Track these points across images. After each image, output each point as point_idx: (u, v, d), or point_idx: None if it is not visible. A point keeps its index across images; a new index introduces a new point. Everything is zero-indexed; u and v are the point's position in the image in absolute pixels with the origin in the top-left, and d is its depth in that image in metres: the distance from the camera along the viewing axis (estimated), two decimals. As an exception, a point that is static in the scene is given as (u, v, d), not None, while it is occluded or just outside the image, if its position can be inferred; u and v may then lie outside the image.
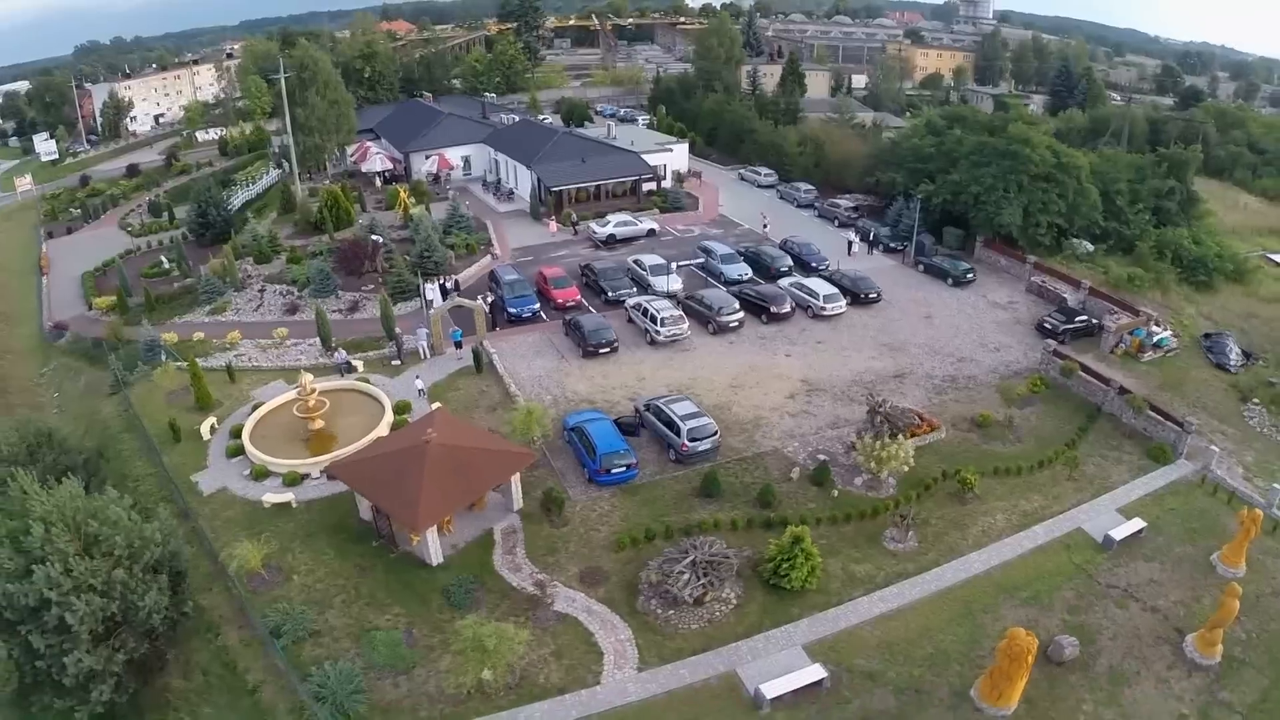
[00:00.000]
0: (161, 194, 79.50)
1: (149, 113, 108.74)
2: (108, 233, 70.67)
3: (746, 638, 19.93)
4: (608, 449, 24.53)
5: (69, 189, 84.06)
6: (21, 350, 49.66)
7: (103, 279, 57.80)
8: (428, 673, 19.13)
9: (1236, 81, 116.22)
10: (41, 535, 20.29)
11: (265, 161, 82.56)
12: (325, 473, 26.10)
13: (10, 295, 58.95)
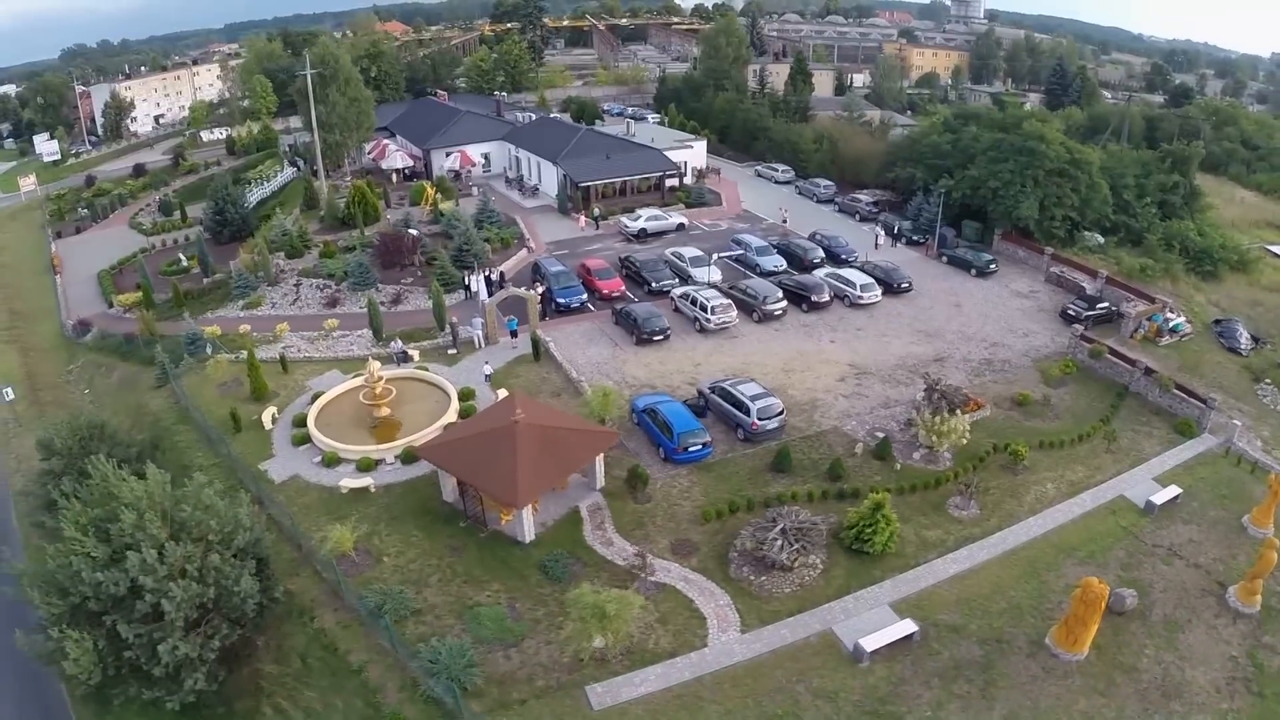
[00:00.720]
0: (171, 193, 79.78)
1: (149, 113, 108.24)
2: (118, 232, 71.03)
3: (836, 599, 21.46)
4: (685, 428, 25.95)
5: (74, 189, 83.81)
6: (44, 348, 49.97)
7: (119, 277, 58.31)
8: (538, 644, 20.13)
9: (1223, 79, 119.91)
10: (133, 522, 20.28)
11: (277, 160, 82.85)
12: (408, 456, 26.89)
13: (26, 294, 59.17)
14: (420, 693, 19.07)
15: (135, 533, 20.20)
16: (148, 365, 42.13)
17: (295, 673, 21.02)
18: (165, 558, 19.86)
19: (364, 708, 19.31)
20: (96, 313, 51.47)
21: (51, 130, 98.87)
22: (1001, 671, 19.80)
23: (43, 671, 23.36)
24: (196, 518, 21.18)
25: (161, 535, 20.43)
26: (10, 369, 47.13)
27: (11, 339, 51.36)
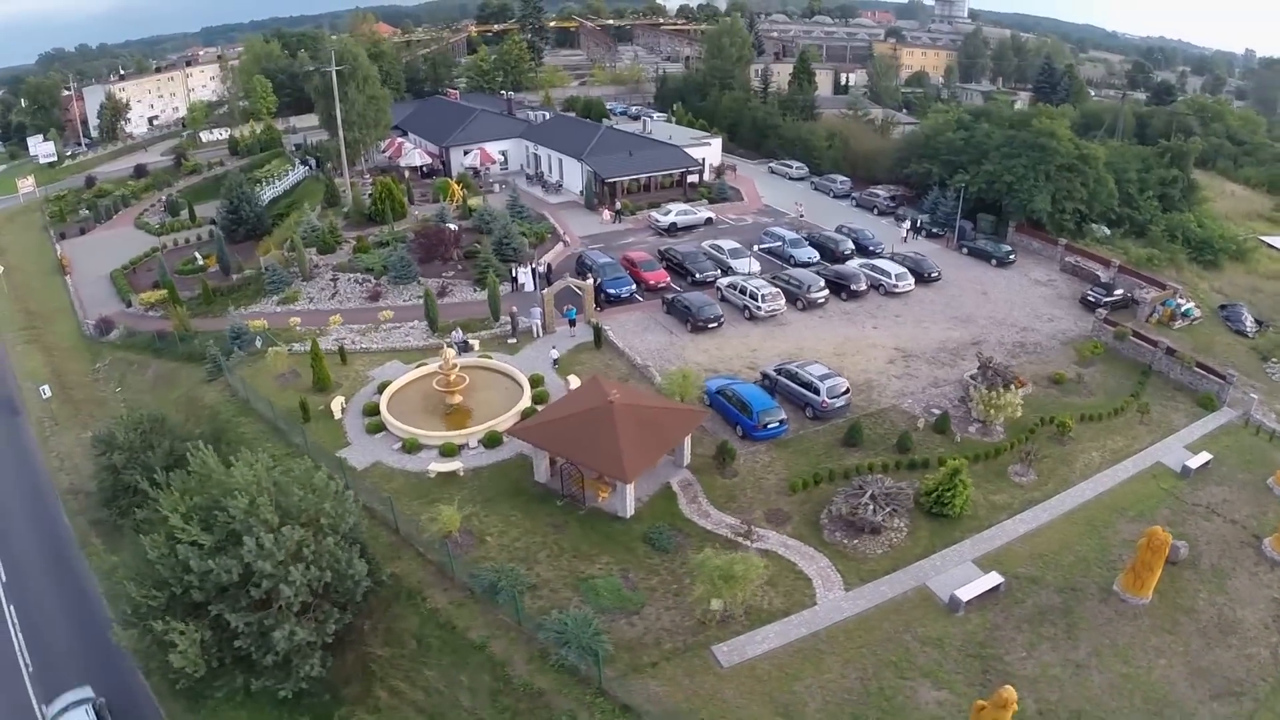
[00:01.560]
0: (175, 194, 79.56)
1: (143, 115, 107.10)
2: (124, 233, 70.93)
3: (924, 558, 23.28)
4: (763, 407, 27.65)
5: (74, 190, 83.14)
6: (65, 347, 49.97)
7: (134, 276, 58.58)
8: (658, 610, 21.27)
9: (1201, 76, 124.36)
10: (244, 507, 19.91)
11: (286, 160, 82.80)
12: (491, 439, 27.91)
13: (38, 295, 58.92)
14: (551, 663, 19.84)
15: (247, 518, 19.90)
16: (186, 361, 42.63)
17: (410, 654, 21.55)
18: (281, 541, 19.68)
19: (492, 681, 20.06)
20: (115, 311, 51.73)
21: (45, 132, 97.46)
22: (1080, 615, 21.86)
23: (125, 669, 23.84)
24: (309, 501, 21.14)
25: (274, 519, 20.34)
26: (36, 368, 47.06)
27: (32, 339, 51.29)
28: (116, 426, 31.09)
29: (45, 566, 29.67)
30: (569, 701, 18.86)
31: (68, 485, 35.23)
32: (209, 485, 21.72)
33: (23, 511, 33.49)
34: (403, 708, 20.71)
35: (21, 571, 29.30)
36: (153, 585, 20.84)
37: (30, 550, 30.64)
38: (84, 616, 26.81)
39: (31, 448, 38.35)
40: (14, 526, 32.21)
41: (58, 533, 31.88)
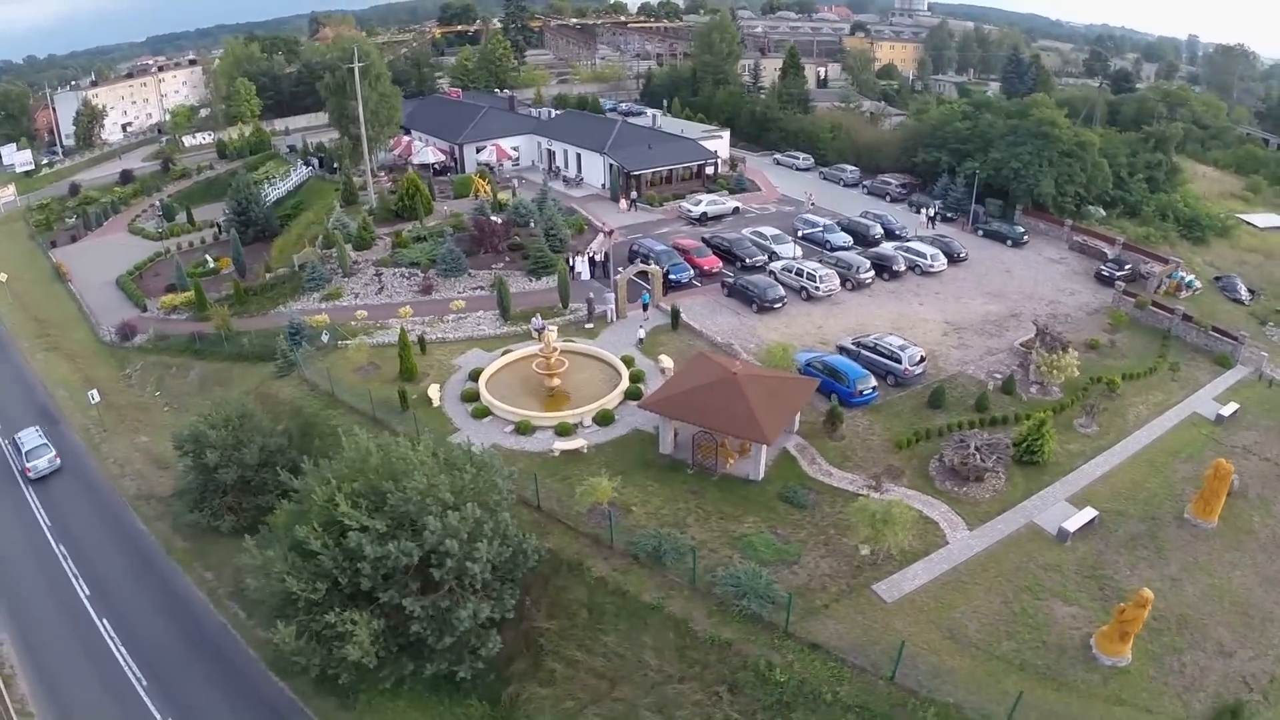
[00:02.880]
0: (167, 198, 77.93)
1: (116, 121, 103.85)
2: (118, 239, 70.00)
3: (1024, 499, 25.93)
4: (858, 375, 30.11)
5: (58, 198, 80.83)
6: (86, 354, 49.53)
7: (141, 281, 58.20)
8: (814, 559, 23.09)
9: (1153, 64, 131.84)
10: (422, 488, 19.72)
11: (281, 160, 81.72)
12: (604, 418, 29.33)
13: (42, 303, 57.82)
14: (733, 614, 21.12)
15: (423, 499, 19.54)
16: (235, 360, 42.97)
17: (583, 623, 22.25)
18: (465, 520, 19.45)
19: (677, 638, 21.13)
20: (132, 316, 51.33)
21: (16, 141, 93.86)
22: (1164, 539, 24.91)
23: (253, 674, 23.99)
24: (480, 478, 21.28)
25: (449, 498, 20.11)
26: (65, 375, 46.46)
27: (50, 346, 50.58)
28: (204, 425, 30.35)
29: (133, 577, 29.26)
30: (758, 647, 20.43)
31: (135, 491, 35.10)
32: (366, 469, 21.62)
33: (93, 523, 32.65)
34: (580, 676, 21.55)
35: (108, 584, 28.74)
36: (315, 578, 20.44)
37: (113, 562, 30.06)
38: (189, 624, 26.69)
39: (82, 456, 37.71)
40: (88, 538, 31.50)
41: (138, 541, 31.48)
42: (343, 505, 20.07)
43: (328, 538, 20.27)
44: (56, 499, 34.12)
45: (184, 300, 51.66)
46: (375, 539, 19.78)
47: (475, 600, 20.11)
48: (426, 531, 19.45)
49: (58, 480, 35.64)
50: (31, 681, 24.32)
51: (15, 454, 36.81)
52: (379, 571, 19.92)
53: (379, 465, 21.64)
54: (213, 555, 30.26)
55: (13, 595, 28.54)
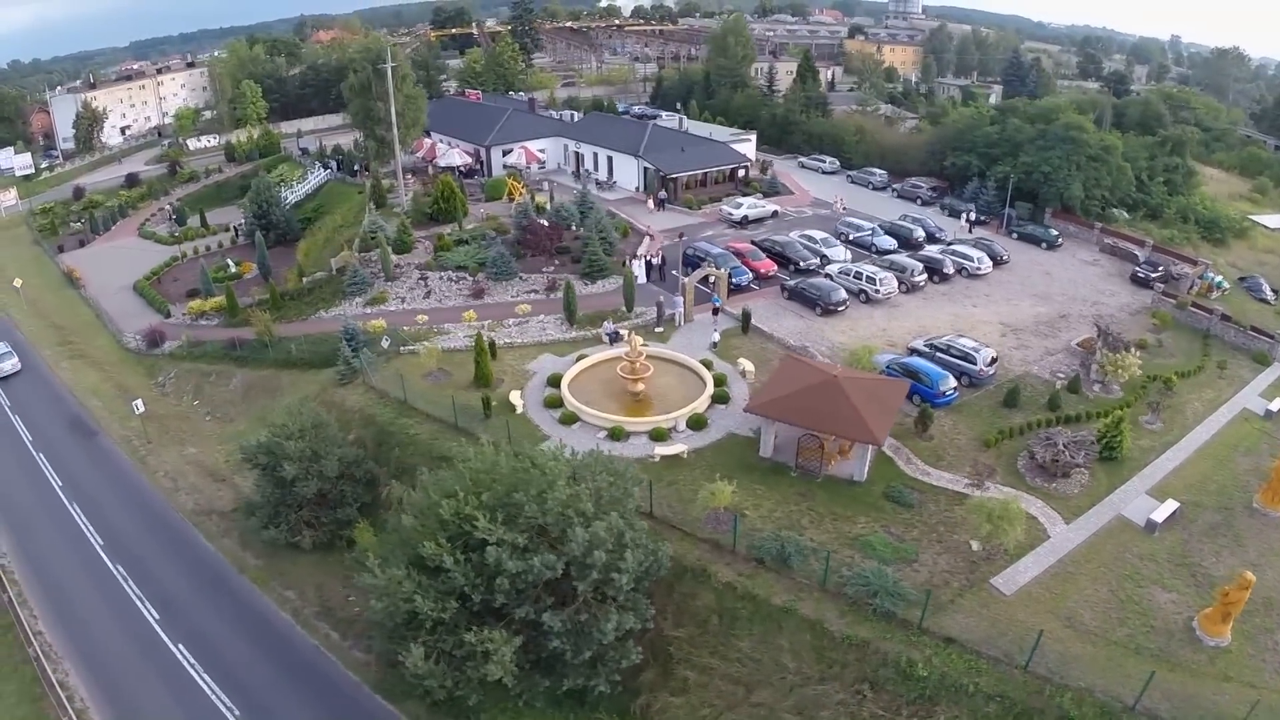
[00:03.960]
0: (176, 202, 77.16)
1: (114, 124, 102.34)
2: (128, 243, 69.33)
3: (1109, 493, 27.33)
4: (939, 376, 31.41)
5: (62, 202, 79.67)
6: (111, 361, 48.67)
7: (159, 286, 57.60)
8: (931, 556, 23.95)
9: (1140, 66, 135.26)
10: (564, 499, 19.05)
11: (294, 163, 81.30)
12: (697, 422, 29.80)
13: (58, 310, 56.71)
14: (866, 614, 21.71)
15: (565, 509, 18.93)
16: (282, 367, 42.33)
17: (714, 630, 22.46)
18: (611, 530, 18.99)
19: (813, 639, 21.64)
20: (154, 323, 50.68)
21: (12, 144, 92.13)
22: (1240, 528, 26.40)
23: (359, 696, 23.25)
24: (617, 487, 20.75)
25: (590, 508, 19.54)
26: (95, 384, 45.47)
27: (74, 354, 49.51)
28: (279, 435, 29.29)
29: (205, 598, 28.26)
30: (895, 644, 21.20)
31: (193, 507, 33.68)
32: (496, 480, 20.81)
33: (153, 541, 31.42)
34: (714, 683, 21.84)
35: (178, 606, 27.75)
36: (444, 595, 19.77)
37: (178, 583, 28.97)
38: (277, 647, 25.83)
39: (128, 470, 36.66)
40: (149, 558, 30.39)
41: (204, 559, 30.55)
42: (482, 520, 19.38)
43: (452, 553, 19.44)
44: (108, 514, 32.94)
45: (214, 305, 51.15)
46: (515, 553, 19.23)
47: (618, 612, 19.80)
48: (572, 543, 19.01)
49: (107, 495, 34.36)
50: (105, 715, 23.32)
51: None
52: (515, 587, 19.42)
53: (509, 475, 21.04)
54: (291, 573, 29.42)
55: (67, 616, 27.21)
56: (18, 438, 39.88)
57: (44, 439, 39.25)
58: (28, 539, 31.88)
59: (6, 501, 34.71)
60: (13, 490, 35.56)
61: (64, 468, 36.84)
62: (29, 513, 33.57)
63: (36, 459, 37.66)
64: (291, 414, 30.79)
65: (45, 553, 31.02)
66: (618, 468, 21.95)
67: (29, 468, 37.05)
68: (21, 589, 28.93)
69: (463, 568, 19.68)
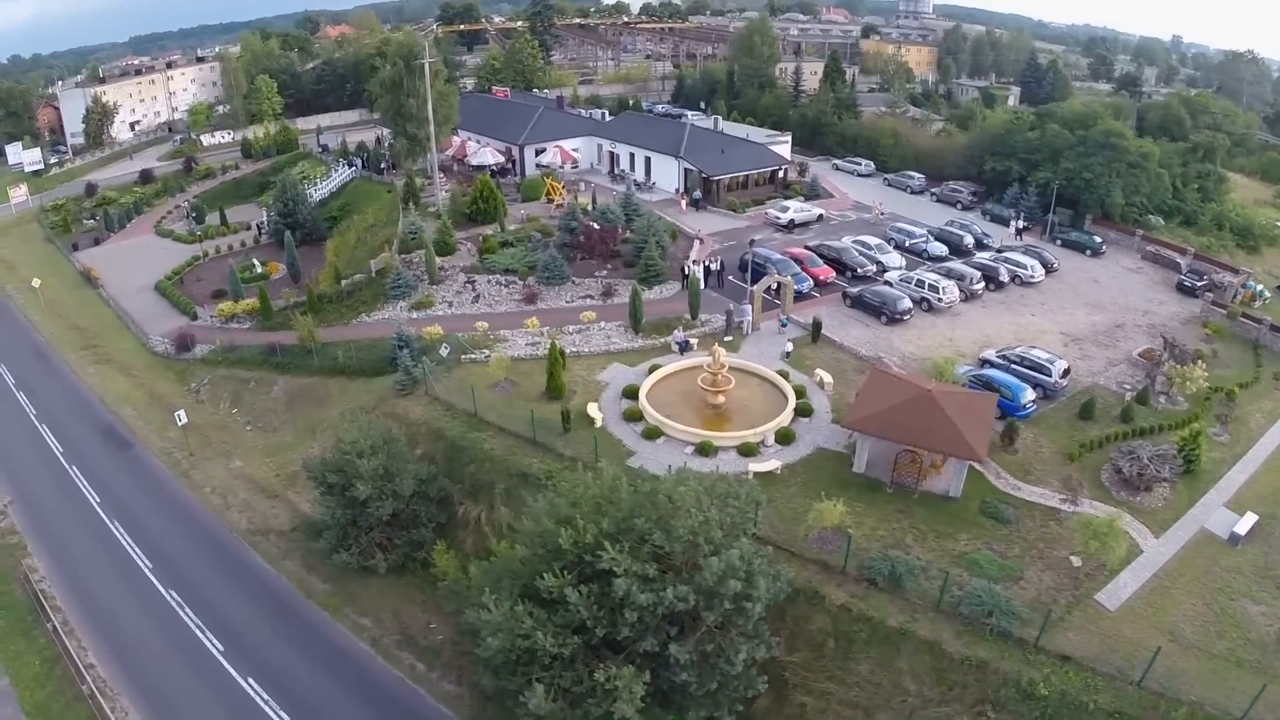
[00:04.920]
0: (193, 199, 76.44)
1: (124, 119, 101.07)
2: (145, 241, 68.65)
3: (1191, 506, 28.11)
4: (1020, 389, 32.08)
5: (74, 198, 78.92)
6: (138, 366, 47.33)
7: (181, 286, 56.88)
8: (1037, 573, 24.14)
9: (1146, 67, 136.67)
10: (694, 527, 18.41)
11: (315, 160, 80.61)
12: (785, 436, 29.74)
13: (76, 310, 55.49)
14: (983, 633, 21.82)
15: (695, 538, 18.26)
16: (329, 375, 40.82)
17: (830, 653, 22.33)
18: (745, 558, 18.58)
19: (932, 661, 21.71)
20: (180, 325, 49.77)
21: (19, 139, 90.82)
22: (1318, 539, 27.60)
23: None
24: (743, 513, 20.22)
25: (718, 535, 18.88)
26: (126, 391, 44.22)
27: (98, 358, 48.41)
28: (349, 452, 27.58)
29: (272, 626, 27.14)
30: (1013, 664, 21.42)
31: (247, 526, 32.49)
32: (614, 506, 19.96)
33: (206, 563, 30.17)
34: (832, 708, 21.84)
35: (242, 637, 26.56)
36: (565, 630, 18.92)
37: (240, 610, 27.78)
38: (356, 680, 24.94)
39: (171, 485, 35.40)
40: (205, 582, 29.07)
41: (266, 584, 29.33)
42: (610, 550, 18.42)
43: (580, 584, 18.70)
44: (153, 534, 31.65)
45: (246, 308, 50.15)
46: (644, 584, 18.31)
47: (745, 641, 19.28)
48: (704, 572, 18.23)
49: (150, 512, 33.05)
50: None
51: None
52: (641, 619, 18.53)
53: (629, 500, 20.24)
54: (364, 598, 28.40)
55: (121, 647, 25.84)
56: (47, 449, 38.63)
57: (76, 451, 37.90)
58: (68, 561, 30.50)
59: (41, 520, 33.27)
60: (46, 507, 34.05)
61: (100, 482, 35.42)
62: (67, 532, 32.10)
63: (70, 472, 36.38)
64: (360, 429, 29.19)
65: (89, 577, 29.73)
66: (742, 489, 21.44)
67: (62, 483, 35.68)
68: (66, 616, 27.71)
69: (586, 601, 18.76)
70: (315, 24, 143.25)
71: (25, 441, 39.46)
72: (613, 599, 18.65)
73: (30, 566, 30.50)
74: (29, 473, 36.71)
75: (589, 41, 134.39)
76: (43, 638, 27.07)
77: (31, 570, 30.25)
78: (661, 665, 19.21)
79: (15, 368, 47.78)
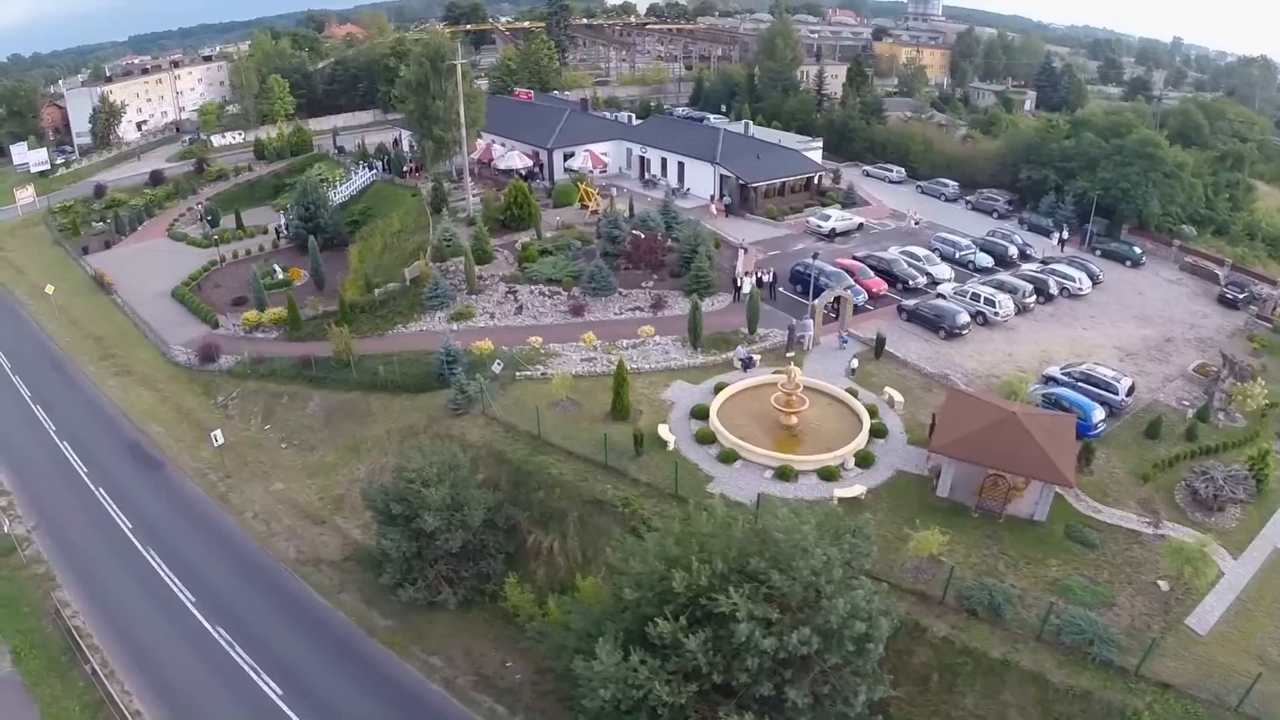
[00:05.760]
0: (206, 201, 75.65)
1: (130, 119, 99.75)
2: (157, 245, 67.55)
3: (1263, 526, 28.48)
4: (1091, 408, 32.37)
5: (83, 200, 77.94)
6: (159, 378, 45.67)
7: (200, 293, 55.59)
8: (1127, 598, 24.28)
9: (1150, 70, 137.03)
10: (818, 567, 18.03)
11: (333, 163, 79.78)
12: (865, 459, 29.41)
13: (90, 318, 53.85)
14: (1085, 662, 22.02)
15: (817, 579, 17.88)
16: (369, 390, 39.38)
17: (934, 688, 22.10)
18: (869, 599, 18.41)
19: (1037, 692, 21.68)
20: (200, 334, 48.47)
21: (25, 139, 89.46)
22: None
23: None
24: (860, 551, 19.88)
25: (840, 574, 18.60)
26: (151, 406, 42.40)
27: (118, 369, 46.74)
28: (415, 480, 26.16)
29: (333, 667, 25.75)
30: (1116, 693, 21.45)
31: (295, 555, 30.92)
32: (728, 546, 19.19)
33: (254, 597, 28.58)
34: None
35: (300, 678, 25.16)
36: (679, 678, 18.31)
37: (299, 648, 26.42)
38: None
39: (208, 509, 33.77)
40: (254, 617, 27.52)
41: (322, 620, 27.78)
42: (734, 595, 17.71)
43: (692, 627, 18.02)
44: (193, 563, 30.30)
45: (272, 318, 48.93)
46: (766, 627, 17.77)
47: (865, 681, 18.90)
48: (829, 615, 17.79)
49: (188, 539, 31.52)
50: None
51: None
52: (761, 664, 18.04)
53: (743, 539, 19.65)
54: (431, 635, 27.16)
55: (168, 692, 24.44)
56: (71, 470, 36.20)
57: (102, 471, 36.05)
58: (102, 594, 28.80)
59: (70, 548, 31.27)
60: (75, 534, 31.94)
61: (131, 506, 33.63)
62: (99, 562, 30.50)
63: (97, 495, 34.20)
64: (424, 455, 27.57)
65: (127, 611, 27.88)
66: (859, 524, 20.66)
67: (90, 506, 33.55)
68: (105, 657, 26.01)
69: (704, 647, 18.06)
70: (321, 24, 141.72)
71: (47, 461, 37.46)
72: (731, 644, 18.04)
73: (61, 600, 28.69)
74: (53, 495, 34.68)
75: (600, 42, 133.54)
76: (81, 680, 25.34)
77: (63, 604, 28.43)
78: (775, 709, 18.68)
79: (31, 380, 45.88)
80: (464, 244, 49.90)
